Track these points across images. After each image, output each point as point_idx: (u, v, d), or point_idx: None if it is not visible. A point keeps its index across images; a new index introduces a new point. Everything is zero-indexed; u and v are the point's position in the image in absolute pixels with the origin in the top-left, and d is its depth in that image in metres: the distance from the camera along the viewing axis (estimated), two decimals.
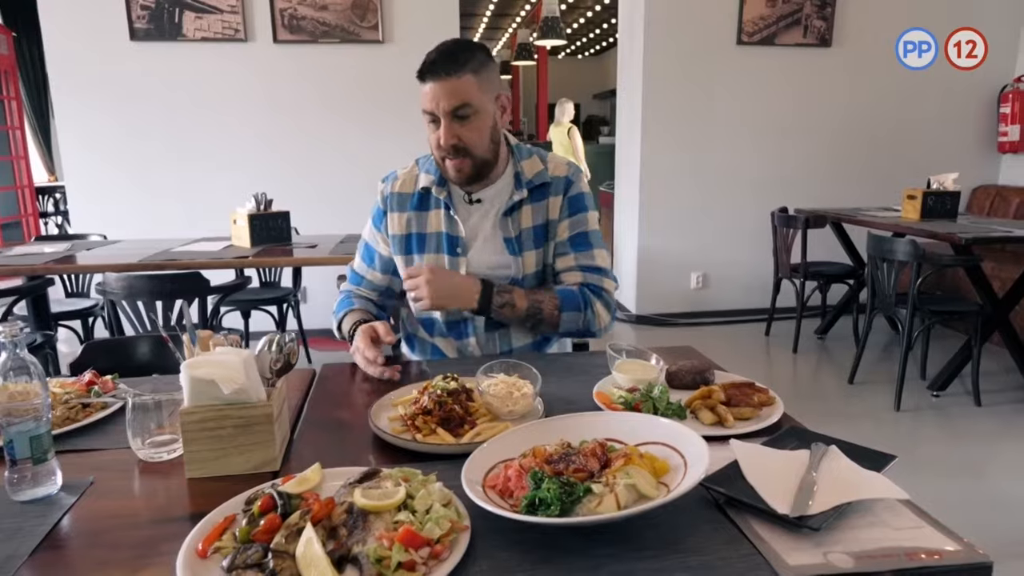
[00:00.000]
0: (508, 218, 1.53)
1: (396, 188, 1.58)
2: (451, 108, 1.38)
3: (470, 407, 1.10)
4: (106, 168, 4.16)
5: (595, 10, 10.69)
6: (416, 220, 1.56)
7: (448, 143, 1.41)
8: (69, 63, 4.03)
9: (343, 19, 4.18)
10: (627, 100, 4.80)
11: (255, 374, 0.96)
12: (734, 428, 1.07)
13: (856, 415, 3.24)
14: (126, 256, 2.82)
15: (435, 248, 1.54)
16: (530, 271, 1.55)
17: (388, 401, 1.16)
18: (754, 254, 4.67)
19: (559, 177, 1.57)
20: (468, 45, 1.43)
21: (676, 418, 1.08)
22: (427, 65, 1.38)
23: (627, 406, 1.11)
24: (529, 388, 1.11)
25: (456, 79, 1.37)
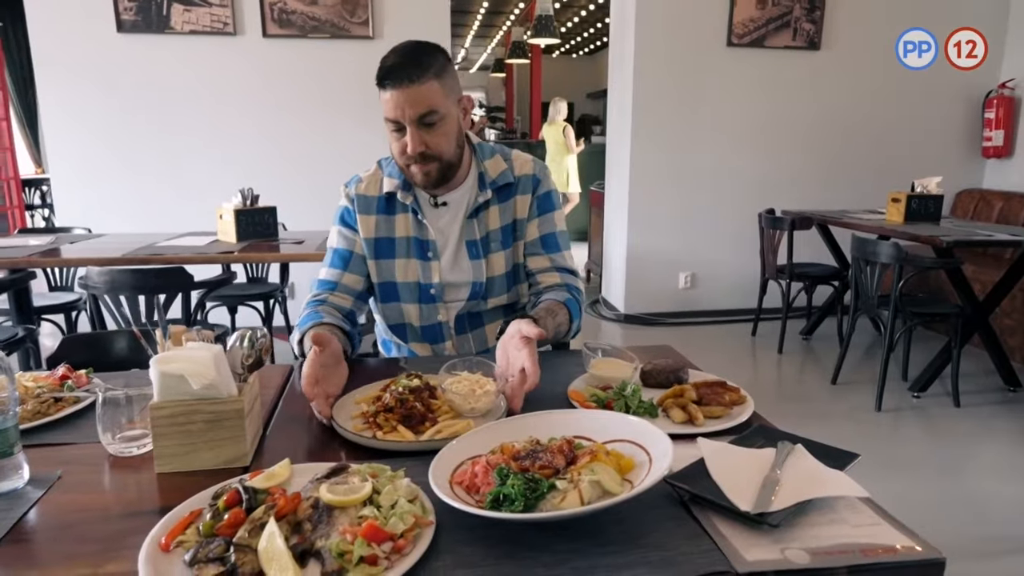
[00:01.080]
0: (474, 220, 1.52)
1: (361, 190, 1.54)
2: (417, 116, 1.34)
3: (432, 404, 1.10)
4: (91, 161, 4.14)
5: (589, 9, 10.69)
6: (384, 224, 1.52)
7: (416, 151, 1.37)
8: (54, 54, 4.00)
9: (333, 14, 4.17)
10: (617, 100, 4.81)
11: (226, 369, 0.96)
12: (704, 426, 1.08)
13: (837, 415, 3.26)
14: (109, 250, 2.81)
15: (405, 253, 1.52)
16: (498, 272, 1.54)
17: (351, 399, 1.16)
18: (742, 255, 4.69)
19: (526, 175, 1.56)
20: (428, 48, 1.37)
21: (648, 416, 1.09)
22: (387, 71, 1.33)
23: (599, 404, 1.12)
24: (492, 386, 1.12)
25: (420, 85, 1.32)
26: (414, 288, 1.53)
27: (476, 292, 1.53)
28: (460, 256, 1.52)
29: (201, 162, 4.22)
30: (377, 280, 1.54)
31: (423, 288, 1.53)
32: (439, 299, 1.53)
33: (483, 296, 1.54)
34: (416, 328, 1.56)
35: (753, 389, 1.24)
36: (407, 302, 1.54)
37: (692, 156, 4.63)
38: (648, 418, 1.08)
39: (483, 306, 1.56)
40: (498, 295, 1.56)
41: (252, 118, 4.24)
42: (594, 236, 5.83)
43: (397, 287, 1.53)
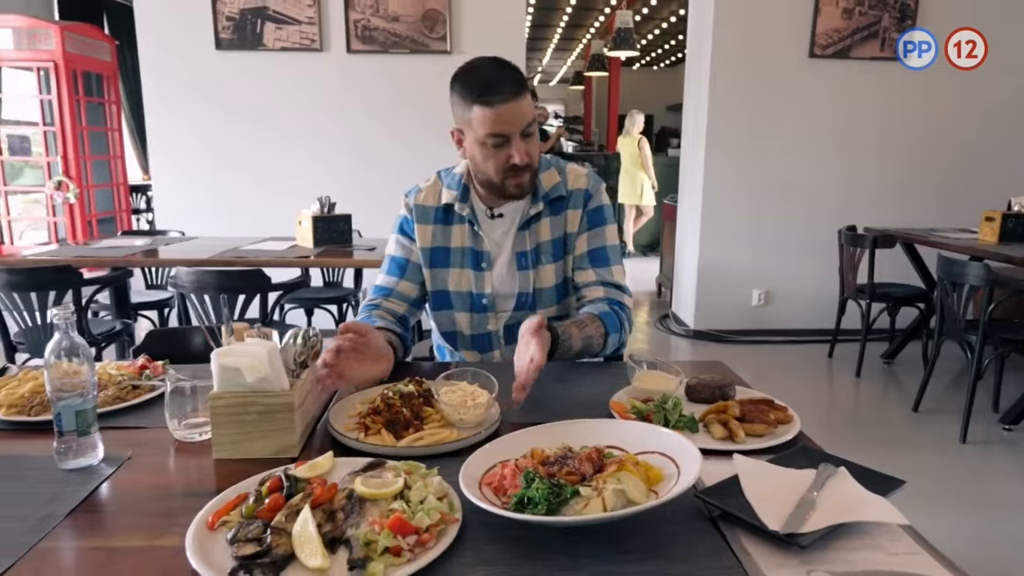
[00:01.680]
0: (525, 232, 1.55)
1: (420, 200, 1.60)
2: (523, 127, 1.40)
3: (424, 412, 1.12)
4: (189, 169, 4.44)
5: (670, 21, 10.59)
6: (440, 234, 1.57)
7: (524, 160, 1.42)
8: (160, 70, 4.33)
9: (413, 30, 4.32)
10: (693, 112, 4.74)
11: (279, 365, 1.03)
12: (744, 444, 1.06)
13: (919, 445, 3.08)
14: (198, 252, 3.00)
15: (460, 263, 1.56)
16: (547, 284, 1.56)
17: (358, 398, 1.20)
18: (819, 273, 4.51)
19: (578, 190, 1.59)
20: (511, 64, 1.43)
21: (687, 431, 1.09)
22: (493, 88, 1.37)
23: (639, 416, 1.12)
24: (484, 397, 1.13)
25: (522, 99, 1.39)
26: (466, 297, 1.57)
27: (523, 303, 1.56)
28: (511, 267, 1.56)
29: (287, 170, 4.45)
30: (431, 288, 1.59)
31: (475, 298, 1.56)
32: (490, 309, 1.57)
33: (530, 307, 1.56)
34: (466, 336, 1.60)
35: (828, 413, 1.23)
36: (459, 311, 1.58)
37: (769, 169, 4.51)
38: (687, 432, 1.08)
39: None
40: (546, 306, 1.58)
41: (335, 130, 4.44)
42: (666, 250, 5.75)
43: (450, 296, 1.58)
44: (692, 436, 1.08)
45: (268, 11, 4.24)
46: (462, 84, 1.41)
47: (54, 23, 5.90)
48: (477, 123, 1.40)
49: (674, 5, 9.78)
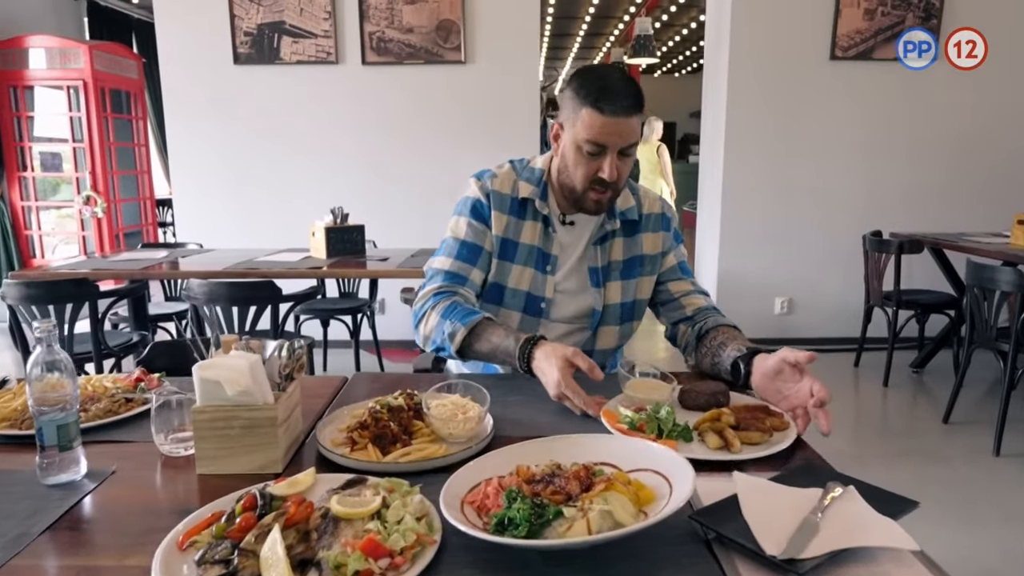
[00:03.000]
0: (598, 247, 1.52)
1: (496, 186, 1.51)
2: (625, 145, 1.38)
3: (414, 426, 1.08)
4: (208, 182, 4.49)
5: (690, 27, 10.52)
6: (513, 226, 1.50)
7: (613, 177, 1.38)
8: (180, 85, 4.39)
9: (428, 41, 4.33)
10: (711, 117, 4.68)
11: (263, 378, 1.00)
12: (740, 453, 1.01)
13: (949, 457, 2.97)
14: (212, 264, 3.02)
15: (525, 260, 1.50)
16: (613, 301, 1.53)
17: (349, 411, 1.16)
18: (844, 280, 4.40)
19: (654, 214, 1.58)
20: (636, 82, 1.40)
21: (681, 440, 1.04)
22: (613, 96, 1.33)
23: (631, 426, 1.08)
24: (476, 411, 1.08)
25: (634, 119, 1.36)
26: (522, 297, 1.52)
27: (592, 319, 1.53)
28: (576, 278, 1.53)
29: (303, 182, 4.47)
30: (492, 279, 1.52)
31: (531, 299, 1.52)
32: (545, 315, 1.53)
33: (597, 324, 1.53)
34: None
35: (855, 424, 1.19)
36: (510, 308, 1.53)
37: (790, 174, 4.42)
38: (682, 442, 1.03)
39: (591, 342, 1.54)
40: (610, 324, 1.54)
41: (350, 141, 4.45)
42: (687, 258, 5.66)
43: (505, 291, 1.52)
44: (687, 446, 1.04)
45: (285, 25, 4.28)
46: (581, 82, 1.38)
47: (83, 43, 6.04)
48: (582, 125, 1.36)
49: (693, 11, 9.72)
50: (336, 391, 1.37)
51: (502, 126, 4.36)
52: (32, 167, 6.18)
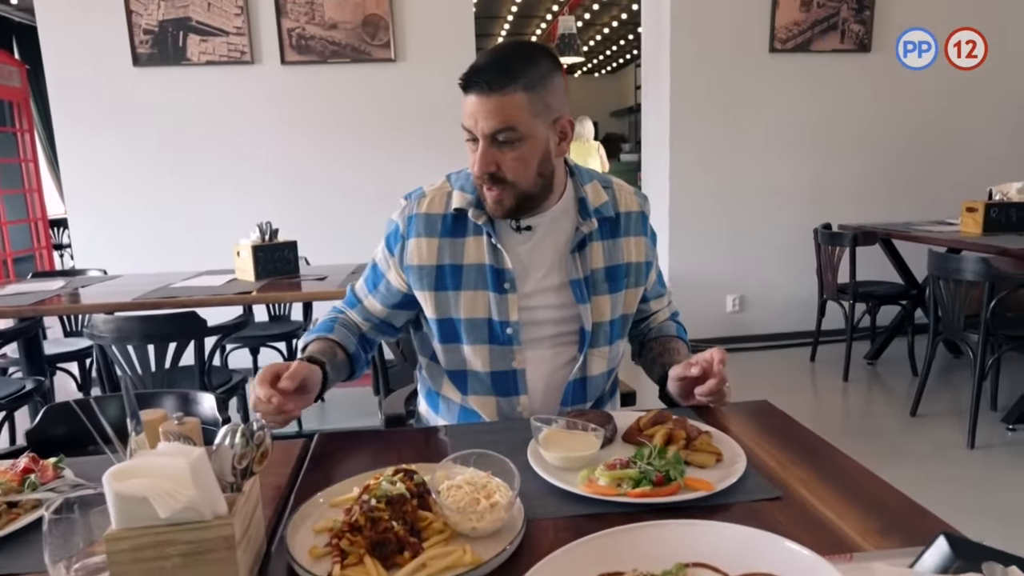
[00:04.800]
0: (576, 256, 1.27)
1: (423, 208, 1.29)
2: (491, 131, 1.14)
3: (422, 518, 0.81)
4: (109, 198, 3.99)
5: (612, 27, 10.51)
6: (450, 248, 1.27)
7: (483, 170, 1.17)
8: (71, 91, 3.88)
9: (353, 38, 3.99)
10: (653, 115, 4.55)
11: (210, 480, 0.70)
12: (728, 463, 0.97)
13: (924, 454, 2.91)
14: (119, 294, 2.60)
15: (474, 283, 1.26)
16: (603, 319, 1.30)
17: (328, 499, 0.89)
18: (795, 274, 4.36)
19: (633, 212, 1.35)
20: (529, 52, 1.17)
21: (677, 474, 0.92)
22: (470, 72, 1.14)
23: (633, 485, 0.90)
24: (503, 494, 0.83)
25: (501, 96, 1.12)
26: (482, 327, 1.27)
27: (583, 342, 1.29)
28: (553, 294, 1.29)
29: (221, 196, 4.04)
30: (435, 316, 1.28)
31: (496, 327, 1.26)
32: (516, 341, 1.27)
33: (587, 345, 1.29)
34: (482, 376, 1.29)
35: (819, 421, 1.04)
36: (472, 343, 1.27)
37: (736, 170, 4.34)
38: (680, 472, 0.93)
39: (583, 368, 1.31)
40: (601, 345, 1.32)
41: (272, 148, 4.06)
42: None
43: (459, 326, 1.27)
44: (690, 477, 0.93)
45: (191, 22, 3.85)
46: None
47: None
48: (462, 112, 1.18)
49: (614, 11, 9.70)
50: (299, 462, 1.07)
51: (436, 129, 4.06)
52: None
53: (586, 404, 1.34)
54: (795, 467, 0.99)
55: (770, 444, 1.07)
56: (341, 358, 1.29)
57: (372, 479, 0.87)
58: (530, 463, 0.98)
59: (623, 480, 0.91)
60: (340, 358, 1.28)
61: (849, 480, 0.95)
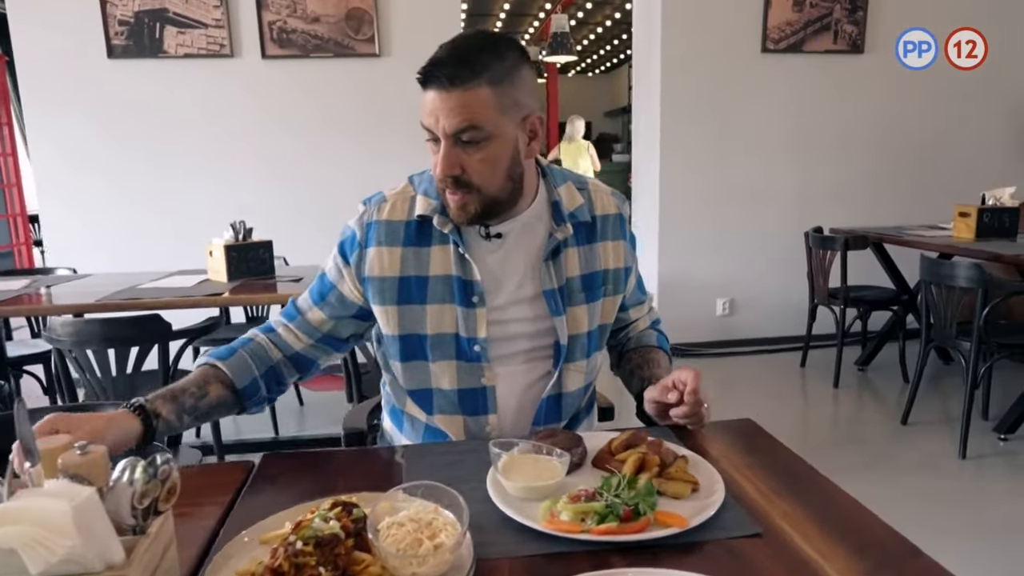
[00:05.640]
0: (550, 264, 1.18)
1: (384, 215, 1.18)
2: (454, 129, 1.04)
3: (358, 561, 0.71)
4: (81, 195, 3.87)
5: (605, 26, 10.45)
6: (414, 259, 1.17)
7: (446, 172, 1.07)
8: (41, 83, 3.75)
9: (336, 32, 3.89)
10: (644, 115, 4.47)
11: (101, 524, 0.61)
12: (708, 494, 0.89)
13: (913, 464, 2.83)
14: (83, 294, 2.49)
15: (441, 296, 1.16)
16: (580, 331, 1.21)
17: (257, 534, 0.79)
18: (785, 278, 4.29)
19: (611, 215, 1.25)
20: (492, 42, 1.06)
21: (650, 502, 0.84)
22: (429, 66, 1.04)
23: (609, 517, 0.81)
24: (449, 533, 0.73)
25: (463, 91, 1.02)
26: (450, 342, 1.17)
27: (558, 356, 1.21)
28: (526, 306, 1.19)
29: (197, 194, 3.93)
30: (397, 332, 1.18)
31: (463, 343, 1.17)
32: (485, 358, 1.18)
33: (563, 360, 1.20)
34: (448, 394, 1.19)
35: (808, 428, 0.96)
36: (438, 360, 1.18)
37: (727, 172, 4.26)
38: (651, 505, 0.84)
39: (558, 384, 1.22)
40: (577, 360, 1.23)
41: (251, 144, 3.95)
42: None
43: (425, 342, 1.17)
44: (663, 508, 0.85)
45: (168, 13, 3.73)
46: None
47: None
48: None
49: (607, 10, 9.64)
50: (237, 490, 0.97)
51: (420, 126, 3.96)
52: None
53: (560, 422, 1.25)
54: (779, 498, 0.90)
55: (752, 470, 0.99)
56: (214, 396, 1.13)
57: (310, 511, 0.78)
58: (488, 492, 0.89)
59: (588, 514, 0.82)
60: (211, 397, 1.13)
61: (837, 513, 0.87)
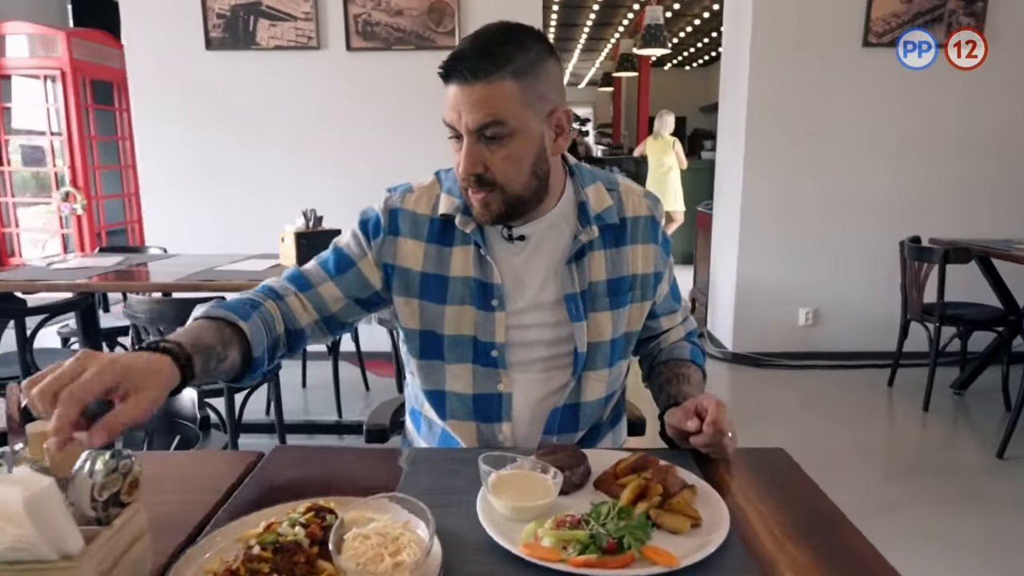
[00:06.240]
0: (573, 267, 1.13)
1: (409, 205, 1.15)
2: (476, 125, 1.00)
3: (319, 570, 0.69)
4: (179, 178, 4.13)
5: (703, 18, 10.09)
6: (435, 257, 1.14)
7: (469, 170, 1.03)
8: (147, 73, 4.03)
9: (418, 24, 3.94)
10: (729, 110, 4.27)
11: (58, 514, 0.62)
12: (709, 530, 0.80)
13: (1009, 503, 2.56)
14: (165, 274, 2.64)
15: (460, 298, 1.13)
16: (602, 338, 1.16)
17: (237, 529, 0.78)
18: (877, 289, 4.00)
19: (641, 217, 1.19)
20: (518, 35, 1.02)
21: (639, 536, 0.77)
22: (451, 60, 1.00)
23: (591, 548, 0.75)
24: (412, 552, 0.70)
25: (487, 85, 0.98)
26: (467, 345, 1.14)
27: (576, 365, 1.15)
28: (545, 311, 1.15)
29: (282, 179, 4.10)
30: (415, 326, 1.16)
31: (480, 347, 1.14)
32: (501, 363, 1.14)
33: (581, 369, 1.16)
34: (463, 398, 1.16)
35: (891, 458, 0.84)
36: (454, 362, 1.15)
37: (817, 174, 4.01)
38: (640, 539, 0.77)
39: (576, 393, 1.17)
40: (598, 369, 1.17)
41: (334, 133, 4.08)
42: (700, 261, 5.27)
43: (443, 342, 1.15)
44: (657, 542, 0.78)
45: (261, 6, 3.90)
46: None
47: (61, 29, 5.69)
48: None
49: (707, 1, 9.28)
50: (237, 481, 0.98)
51: None
52: (8, 161, 5.86)
53: (576, 433, 1.20)
54: (791, 543, 0.82)
55: (770, 508, 0.90)
56: (228, 363, 0.97)
57: (287, 513, 0.77)
58: (477, 507, 0.86)
59: (570, 542, 0.77)
60: (227, 363, 0.96)
61: (853, 569, 0.78)
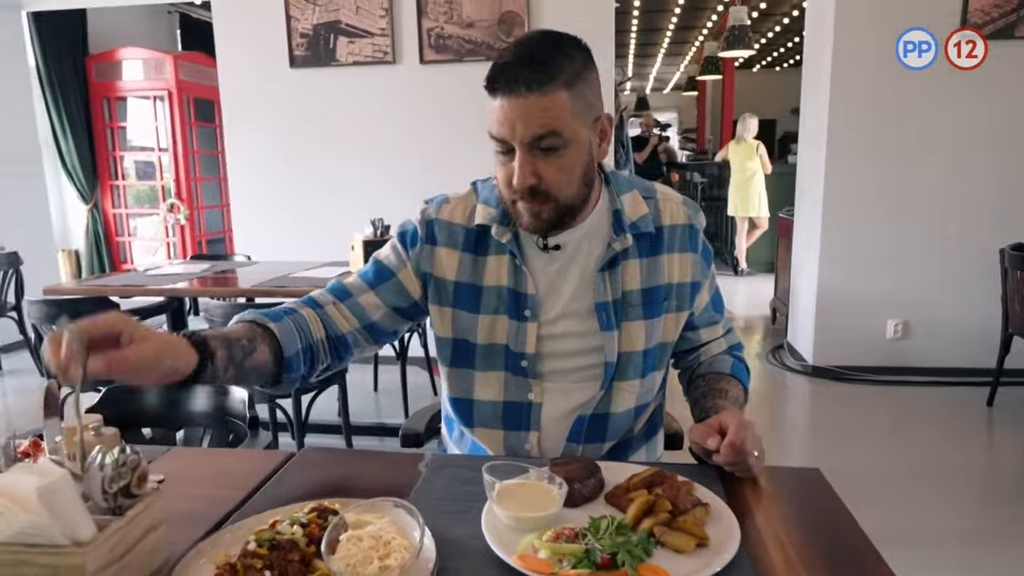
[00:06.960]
0: (606, 275, 1.12)
1: (445, 215, 1.17)
2: (531, 137, 0.99)
3: (312, 570, 0.71)
4: (264, 190, 4.36)
5: (792, 16, 9.69)
6: (470, 266, 1.15)
7: (524, 184, 1.01)
8: (237, 89, 4.28)
9: (489, 36, 4.00)
10: (811, 109, 4.09)
11: (71, 503, 0.67)
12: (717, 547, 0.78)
13: None
14: (246, 279, 2.80)
15: (494, 308, 1.14)
16: (635, 349, 1.14)
17: (247, 528, 0.80)
18: (973, 301, 3.71)
19: (679, 226, 1.17)
20: (562, 43, 1.01)
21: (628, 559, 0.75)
22: (499, 70, 0.99)
23: (584, 563, 0.74)
24: (399, 556, 0.71)
25: (541, 96, 0.97)
26: (500, 353, 1.15)
27: (606, 375, 1.14)
28: (575, 320, 1.14)
29: (360, 189, 4.25)
30: (451, 334, 1.17)
31: (512, 357, 1.14)
32: (532, 374, 1.14)
33: (610, 380, 1.14)
34: (493, 405, 1.16)
35: (988, 485, 0.77)
36: (484, 370, 1.16)
37: (906, 176, 3.76)
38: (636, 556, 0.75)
39: (605, 403, 1.16)
40: (630, 379, 1.16)
41: (408, 145, 4.19)
42: (781, 269, 5.06)
43: (476, 351, 1.16)
44: (660, 560, 0.77)
45: (341, 25, 4.07)
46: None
47: (168, 53, 6.19)
48: (488, 119, 1.03)
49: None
50: (265, 479, 1.03)
51: None
52: (123, 175, 6.40)
53: (604, 444, 1.18)
54: (805, 571, 0.77)
55: (791, 532, 0.86)
56: (259, 358, 1.00)
57: (295, 511, 0.81)
58: (482, 516, 0.87)
59: (564, 556, 0.76)
60: (257, 357, 0.99)
61: None
